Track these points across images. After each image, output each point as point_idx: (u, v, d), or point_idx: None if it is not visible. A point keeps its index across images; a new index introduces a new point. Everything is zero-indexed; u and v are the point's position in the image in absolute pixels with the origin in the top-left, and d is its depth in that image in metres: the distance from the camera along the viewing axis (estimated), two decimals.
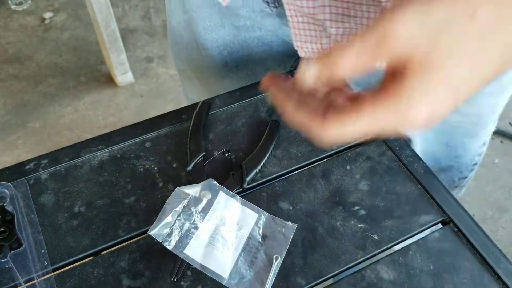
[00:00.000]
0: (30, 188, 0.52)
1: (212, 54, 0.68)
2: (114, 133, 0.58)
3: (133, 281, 0.46)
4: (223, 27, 0.64)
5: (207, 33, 0.65)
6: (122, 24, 2.06)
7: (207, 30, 0.65)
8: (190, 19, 0.66)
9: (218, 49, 0.67)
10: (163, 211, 0.48)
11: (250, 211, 0.50)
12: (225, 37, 0.65)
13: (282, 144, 0.58)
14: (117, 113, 1.77)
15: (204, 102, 0.60)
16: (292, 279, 0.47)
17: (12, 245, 0.47)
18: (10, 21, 2.06)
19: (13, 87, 1.83)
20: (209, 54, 0.68)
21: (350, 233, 0.50)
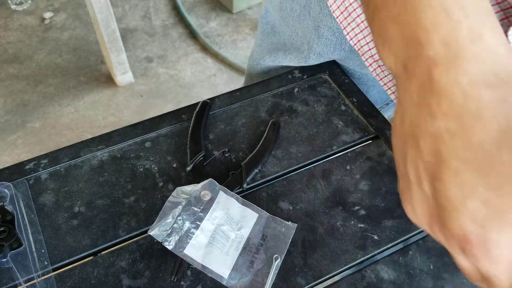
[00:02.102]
0: (30, 188, 0.52)
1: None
2: (114, 133, 0.58)
3: (133, 281, 0.46)
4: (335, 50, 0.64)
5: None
6: (122, 24, 2.06)
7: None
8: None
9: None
10: (163, 211, 0.48)
11: (250, 211, 0.50)
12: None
13: (282, 144, 0.58)
14: (117, 113, 1.77)
15: (204, 102, 0.60)
16: (292, 279, 0.47)
17: (12, 245, 0.47)
18: (10, 21, 2.06)
19: (13, 87, 1.83)
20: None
21: (350, 233, 0.50)
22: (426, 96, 0.25)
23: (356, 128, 0.60)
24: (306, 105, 0.62)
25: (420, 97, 0.26)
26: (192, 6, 2.17)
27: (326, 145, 0.58)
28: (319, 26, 0.60)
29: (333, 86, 0.64)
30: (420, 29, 0.25)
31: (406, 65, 0.27)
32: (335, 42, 0.60)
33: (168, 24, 2.09)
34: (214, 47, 1.97)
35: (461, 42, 0.24)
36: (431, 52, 0.25)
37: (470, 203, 0.24)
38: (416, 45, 0.26)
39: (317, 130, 0.59)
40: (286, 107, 0.62)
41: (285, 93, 0.63)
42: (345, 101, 0.62)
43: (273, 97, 0.63)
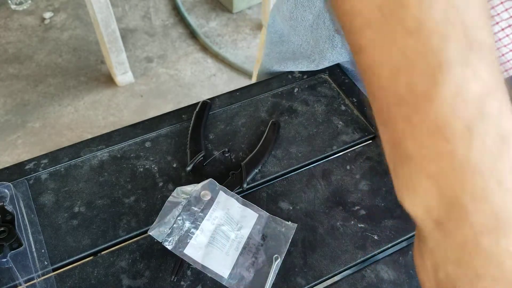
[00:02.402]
0: (30, 188, 0.52)
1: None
2: (114, 133, 0.58)
3: (133, 281, 0.46)
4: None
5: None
6: (122, 24, 2.06)
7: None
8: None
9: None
10: (163, 211, 0.48)
11: (250, 211, 0.50)
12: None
13: (282, 144, 0.58)
14: (117, 113, 1.77)
15: (204, 102, 0.60)
16: (292, 279, 0.47)
17: (12, 245, 0.47)
18: (10, 21, 2.06)
19: (13, 86, 1.83)
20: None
21: (350, 233, 0.50)
22: (467, 257, 0.25)
23: (356, 128, 0.60)
24: (306, 105, 0.62)
25: (460, 257, 0.26)
26: (192, 6, 2.17)
27: (326, 145, 0.58)
28: (333, 36, 0.60)
29: (333, 86, 0.64)
30: (466, 196, 0.24)
31: (441, 224, 0.26)
32: (349, 51, 0.60)
33: (168, 24, 2.09)
34: (214, 47, 1.97)
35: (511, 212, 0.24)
36: (479, 220, 0.24)
37: None
38: (460, 210, 0.25)
39: (317, 130, 0.59)
40: (286, 107, 0.62)
41: (285, 93, 0.63)
42: (345, 101, 0.62)
43: (273, 97, 0.63)
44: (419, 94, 0.24)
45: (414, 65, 0.24)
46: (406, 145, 0.26)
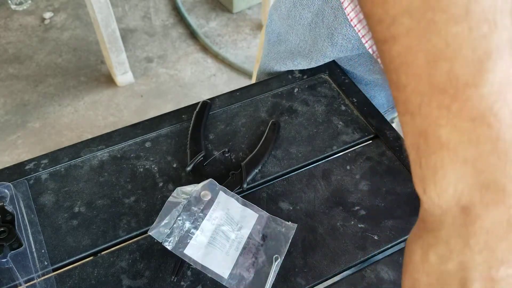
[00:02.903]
0: (30, 188, 0.52)
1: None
2: (114, 133, 0.58)
3: (133, 281, 0.46)
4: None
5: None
6: (122, 24, 2.06)
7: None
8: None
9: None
10: (163, 211, 0.48)
11: (250, 211, 0.50)
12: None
13: (282, 144, 0.58)
14: (117, 113, 1.77)
15: (204, 102, 0.60)
16: (292, 279, 0.47)
17: (12, 245, 0.47)
18: (10, 21, 2.06)
19: (13, 87, 1.83)
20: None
21: (350, 233, 0.50)
22: (492, 241, 0.25)
23: (356, 128, 0.60)
24: (306, 105, 0.62)
25: (483, 242, 0.26)
26: (192, 6, 2.17)
27: (326, 145, 0.58)
28: (333, 34, 0.60)
29: (333, 86, 0.64)
30: (506, 178, 0.25)
31: (468, 209, 0.26)
32: (350, 48, 0.60)
33: (168, 24, 2.09)
34: (214, 47, 1.97)
35: None
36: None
37: None
38: (497, 193, 0.25)
39: (317, 130, 0.59)
40: (286, 107, 0.62)
41: (285, 93, 0.63)
42: (345, 101, 0.62)
43: (273, 97, 0.63)
44: (462, 82, 0.24)
45: (458, 53, 0.24)
46: (440, 133, 0.26)
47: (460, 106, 0.25)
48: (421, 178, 0.27)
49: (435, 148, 0.26)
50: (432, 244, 0.28)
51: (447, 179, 0.26)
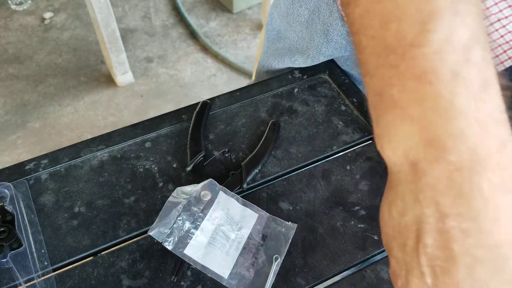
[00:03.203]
0: (30, 188, 0.52)
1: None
2: (114, 133, 0.58)
3: (133, 281, 0.46)
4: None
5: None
6: (122, 24, 2.06)
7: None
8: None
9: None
10: (163, 211, 0.48)
11: (250, 211, 0.50)
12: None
13: (282, 144, 0.58)
14: (117, 113, 1.77)
15: (204, 102, 0.60)
16: (292, 279, 0.47)
17: (12, 245, 0.47)
18: (10, 21, 2.06)
19: (13, 87, 1.83)
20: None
21: (350, 233, 0.50)
22: (438, 196, 0.26)
23: (356, 128, 0.60)
24: (306, 105, 0.62)
25: (431, 196, 0.27)
26: (192, 6, 2.17)
27: (326, 145, 0.58)
28: (328, 30, 0.60)
29: (333, 86, 0.64)
30: (446, 135, 0.25)
31: (417, 165, 0.27)
32: (345, 45, 0.60)
33: (168, 24, 2.09)
34: (214, 47, 1.97)
35: (488, 152, 0.25)
36: (455, 158, 0.25)
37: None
38: (439, 150, 0.26)
39: (317, 130, 0.59)
40: (286, 107, 0.62)
41: (285, 93, 0.63)
42: (345, 101, 0.62)
43: (273, 97, 0.63)
44: (408, 41, 0.25)
45: (405, 13, 0.25)
46: (392, 92, 0.27)
47: (407, 66, 0.26)
48: (378, 136, 0.29)
49: (388, 107, 0.27)
50: (393, 200, 0.30)
51: (398, 136, 0.27)
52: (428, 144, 0.26)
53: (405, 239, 0.29)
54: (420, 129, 0.26)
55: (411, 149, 0.27)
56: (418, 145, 0.26)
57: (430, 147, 0.26)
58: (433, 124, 0.26)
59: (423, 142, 0.26)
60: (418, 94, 0.26)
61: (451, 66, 0.25)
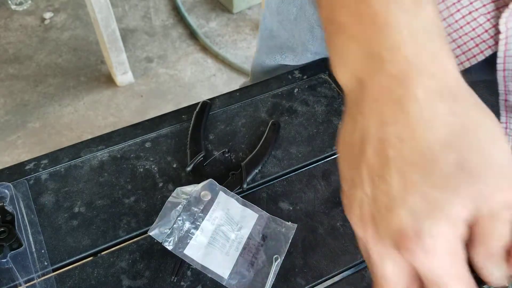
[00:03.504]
0: (30, 188, 0.52)
1: None
2: (114, 133, 0.58)
3: (133, 281, 0.46)
4: None
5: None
6: (122, 24, 2.06)
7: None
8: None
9: None
10: (163, 211, 0.48)
11: (250, 211, 0.50)
12: None
13: (282, 144, 0.58)
14: (117, 113, 1.77)
15: (204, 102, 0.60)
16: (292, 279, 0.47)
17: (12, 245, 0.47)
18: (10, 21, 2.06)
19: (13, 87, 1.83)
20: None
21: (350, 233, 0.50)
22: (379, 106, 0.28)
23: None
24: (306, 105, 0.62)
25: (373, 108, 0.28)
26: (192, 6, 2.17)
27: (326, 145, 0.58)
28: (313, 27, 0.61)
29: (333, 87, 0.64)
30: (384, 48, 0.28)
31: (362, 80, 0.29)
32: None
33: (168, 24, 2.09)
34: (214, 47, 1.97)
35: (423, 62, 0.27)
36: (393, 69, 0.28)
37: (412, 198, 0.26)
38: (378, 62, 0.28)
39: (317, 130, 0.59)
40: (286, 108, 0.62)
41: (285, 94, 0.63)
42: None
43: (273, 98, 0.63)
44: None
45: None
46: (340, 17, 0.30)
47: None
48: (333, 63, 0.31)
49: (338, 31, 0.30)
50: (346, 121, 0.31)
51: (346, 56, 0.30)
52: (369, 58, 0.29)
53: (351, 156, 0.30)
54: (361, 46, 0.29)
55: (356, 66, 0.29)
56: (361, 61, 0.29)
57: (370, 60, 0.28)
58: (372, 40, 0.28)
59: (365, 57, 0.29)
60: (359, 15, 0.29)
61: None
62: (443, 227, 0.26)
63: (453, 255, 0.27)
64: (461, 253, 0.27)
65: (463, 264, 0.27)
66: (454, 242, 0.26)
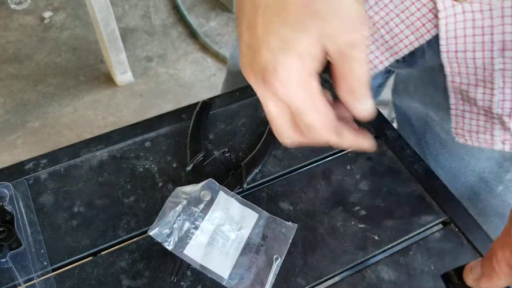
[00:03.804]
0: (30, 188, 0.52)
1: None
2: (114, 133, 0.58)
3: (132, 281, 0.46)
4: None
5: None
6: (122, 23, 2.06)
7: None
8: None
9: None
10: (163, 211, 0.48)
11: (250, 211, 0.50)
12: None
13: None
14: (117, 113, 1.77)
15: (204, 102, 0.60)
16: (292, 279, 0.47)
17: (12, 245, 0.47)
18: (9, 21, 2.06)
19: (12, 86, 1.83)
20: None
21: (350, 233, 0.50)
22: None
23: None
24: None
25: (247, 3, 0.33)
26: (192, 6, 2.17)
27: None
28: None
29: (333, 86, 0.64)
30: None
31: (244, 12, 0.33)
32: None
33: (168, 23, 2.09)
34: (214, 47, 1.96)
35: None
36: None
37: (271, 38, 0.30)
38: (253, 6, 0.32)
39: None
40: None
41: None
42: None
43: None
44: None
45: None
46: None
47: None
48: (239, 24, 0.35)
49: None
50: (239, 39, 0.34)
51: (244, 13, 0.33)
52: (251, 8, 0.32)
53: (240, 20, 0.34)
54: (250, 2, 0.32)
55: (246, 14, 0.32)
56: (247, 11, 0.32)
57: (249, 8, 0.32)
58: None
59: (250, 7, 0.32)
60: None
61: None
62: (294, 61, 0.30)
63: (306, 87, 0.31)
64: (315, 86, 0.32)
65: (319, 97, 0.32)
66: (306, 75, 0.31)
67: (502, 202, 0.59)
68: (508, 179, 0.57)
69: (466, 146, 0.59)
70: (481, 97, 0.45)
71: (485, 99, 0.45)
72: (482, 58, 0.42)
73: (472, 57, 0.42)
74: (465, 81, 0.45)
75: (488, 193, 0.58)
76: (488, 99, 0.45)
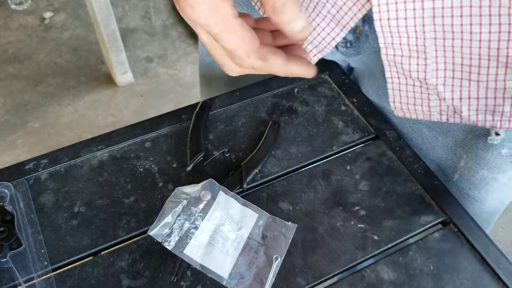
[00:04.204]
0: (30, 188, 0.52)
1: None
2: (114, 133, 0.58)
3: (133, 281, 0.46)
4: None
5: None
6: (122, 23, 2.06)
7: None
8: None
9: None
10: (163, 211, 0.48)
11: (250, 211, 0.50)
12: None
13: (282, 144, 0.58)
14: (117, 113, 1.77)
15: (204, 102, 0.60)
16: (292, 279, 0.47)
17: (12, 245, 0.47)
18: (10, 21, 2.06)
19: (13, 86, 1.83)
20: None
21: (350, 233, 0.50)
22: None
23: (356, 128, 0.60)
24: (306, 105, 0.62)
25: None
26: None
27: (326, 145, 0.58)
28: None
29: (333, 87, 0.64)
30: None
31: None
32: None
33: (168, 24, 2.09)
34: None
35: None
36: None
37: None
38: None
39: (317, 130, 0.59)
40: (286, 107, 0.62)
41: (285, 93, 0.63)
42: (345, 101, 0.62)
43: (273, 97, 0.63)
44: None
45: None
46: None
47: None
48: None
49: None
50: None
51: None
52: None
53: None
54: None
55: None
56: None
57: None
58: None
59: None
60: None
61: None
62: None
63: (217, 10, 0.33)
64: (227, 9, 0.33)
65: (233, 20, 0.33)
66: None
67: (460, 192, 0.59)
68: (462, 166, 0.57)
69: (422, 135, 0.59)
70: (415, 68, 0.45)
71: (419, 70, 0.45)
72: (413, 26, 0.41)
73: (404, 24, 0.41)
74: (399, 52, 0.45)
75: (446, 183, 0.58)
76: (422, 70, 0.45)
